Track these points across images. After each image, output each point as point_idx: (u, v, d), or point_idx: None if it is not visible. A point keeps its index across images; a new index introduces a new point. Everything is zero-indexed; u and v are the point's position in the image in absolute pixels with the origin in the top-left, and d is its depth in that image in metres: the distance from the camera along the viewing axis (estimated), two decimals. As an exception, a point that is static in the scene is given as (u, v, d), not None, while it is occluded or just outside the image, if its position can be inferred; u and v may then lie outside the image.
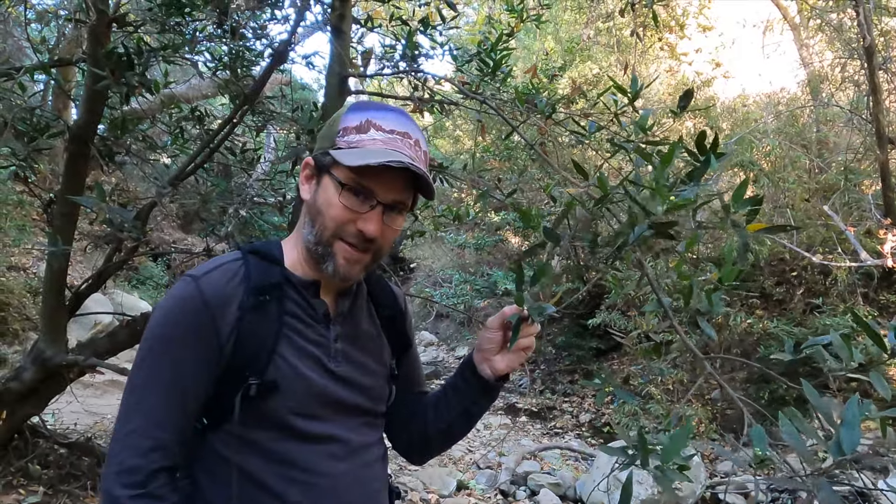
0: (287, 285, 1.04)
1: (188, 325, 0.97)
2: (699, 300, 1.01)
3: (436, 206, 3.46)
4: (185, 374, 0.97)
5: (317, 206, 1.02)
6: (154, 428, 0.95)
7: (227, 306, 0.98)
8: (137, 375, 0.98)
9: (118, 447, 0.95)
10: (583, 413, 7.83)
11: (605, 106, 2.32)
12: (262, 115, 3.06)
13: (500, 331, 1.14)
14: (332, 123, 1.05)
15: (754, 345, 6.64)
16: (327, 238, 1.01)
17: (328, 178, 1.01)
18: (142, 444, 0.94)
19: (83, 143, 2.68)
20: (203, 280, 0.99)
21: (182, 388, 0.97)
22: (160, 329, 0.99)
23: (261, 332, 0.99)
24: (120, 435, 0.96)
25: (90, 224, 7.03)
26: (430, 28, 2.83)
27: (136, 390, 0.98)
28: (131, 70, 2.27)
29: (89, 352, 3.11)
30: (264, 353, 0.98)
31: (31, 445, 3.43)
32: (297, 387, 1.00)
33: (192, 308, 0.98)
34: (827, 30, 8.35)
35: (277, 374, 0.98)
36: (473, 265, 11.07)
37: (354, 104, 1.06)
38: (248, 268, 1.02)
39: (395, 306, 1.22)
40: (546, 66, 9.13)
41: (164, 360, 0.97)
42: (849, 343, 0.86)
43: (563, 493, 5.19)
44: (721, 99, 9.75)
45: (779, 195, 7.48)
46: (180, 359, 0.97)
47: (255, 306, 0.99)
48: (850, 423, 0.75)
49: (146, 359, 0.99)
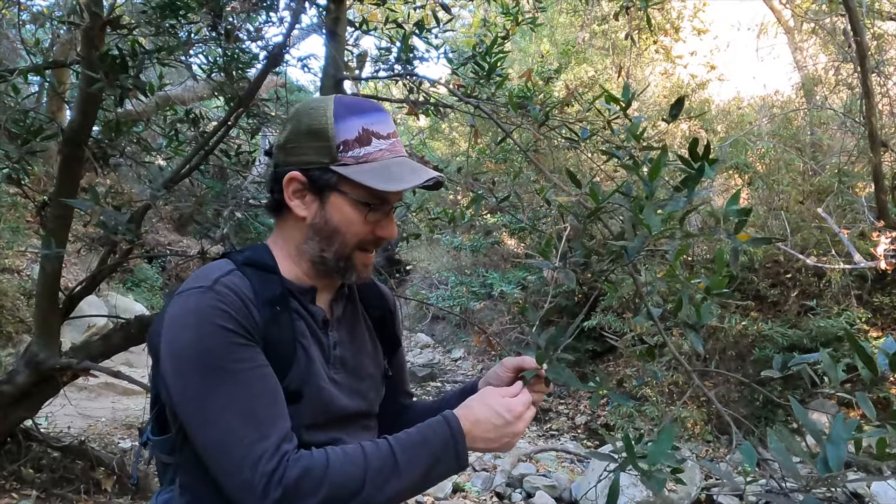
0: (287, 294, 1.03)
1: (228, 327, 0.90)
2: (688, 311, 1.02)
3: (431, 209, 3.46)
4: (256, 374, 0.91)
5: (331, 226, 1.01)
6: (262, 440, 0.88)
7: (250, 309, 0.95)
8: (207, 413, 0.88)
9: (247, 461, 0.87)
10: (578, 415, 7.84)
11: (598, 111, 2.33)
12: (257, 118, 3.06)
13: (512, 374, 1.15)
14: (317, 134, 1.00)
15: (749, 347, 6.67)
16: (348, 253, 1.03)
17: (338, 196, 1.00)
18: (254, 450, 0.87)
19: (77, 146, 2.67)
20: (217, 286, 0.94)
21: (264, 392, 0.91)
22: (201, 349, 0.89)
23: (282, 342, 0.98)
24: (235, 460, 0.87)
25: (84, 226, 6.99)
26: (424, 31, 2.84)
27: (216, 423, 0.88)
28: (125, 72, 2.26)
29: (83, 355, 3.10)
30: (286, 364, 0.97)
31: (25, 449, 3.41)
32: (311, 396, 0.99)
33: (223, 310, 0.91)
34: (820, 33, 8.39)
35: (300, 383, 0.98)
36: (469, 267, 11.07)
37: (335, 109, 1.01)
38: (251, 280, 0.99)
39: (384, 306, 1.22)
40: (542, 68, 9.15)
41: (226, 380, 0.89)
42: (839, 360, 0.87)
43: (559, 495, 5.19)
44: (716, 102, 9.79)
45: (773, 197, 7.52)
46: (242, 365, 0.90)
47: (271, 317, 0.97)
48: (836, 441, 0.76)
49: (202, 391, 0.89)
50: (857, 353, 0.80)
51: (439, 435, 0.96)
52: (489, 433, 0.98)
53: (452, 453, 0.95)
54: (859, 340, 0.85)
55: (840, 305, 6.45)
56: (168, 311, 0.95)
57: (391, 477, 0.91)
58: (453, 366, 10.69)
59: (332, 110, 1.00)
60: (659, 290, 1.35)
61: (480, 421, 0.98)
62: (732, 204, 0.91)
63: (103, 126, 2.92)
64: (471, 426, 0.98)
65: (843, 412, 5.50)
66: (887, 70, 6.80)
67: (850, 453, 0.76)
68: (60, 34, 4.87)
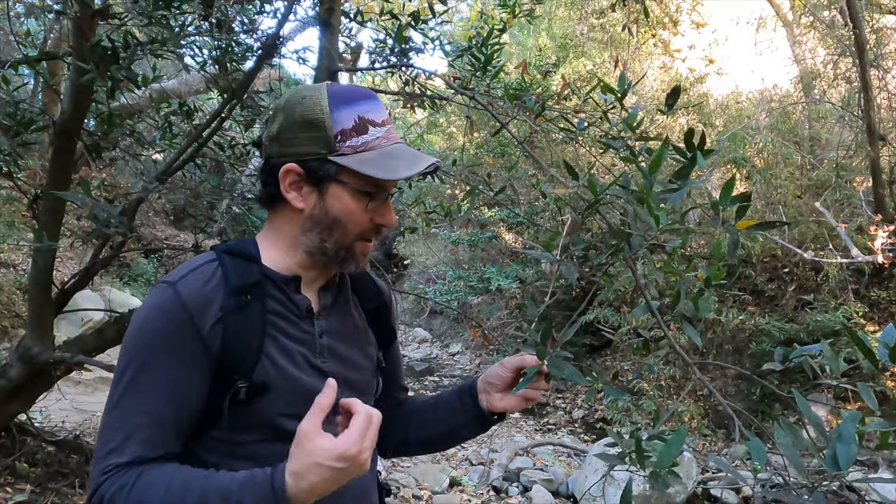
0: (267, 283, 1.01)
1: (170, 332, 0.92)
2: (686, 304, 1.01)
3: (427, 203, 3.44)
4: (172, 385, 0.92)
5: (331, 216, 0.99)
6: (137, 446, 0.90)
7: (207, 309, 0.94)
8: (116, 393, 0.92)
9: (97, 468, 0.89)
10: (576, 409, 7.85)
11: (595, 103, 2.31)
12: (251, 110, 3.03)
13: (513, 373, 1.15)
14: (313, 125, 0.98)
15: (746, 341, 6.67)
16: (349, 243, 1.02)
17: (337, 186, 0.99)
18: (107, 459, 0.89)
19: (69, 138, 2.65)
20: (180, 284, 0.95)
21: (171, 401, 0.92)
22: (139, 340, 0.93)
23: (246, 334, 0.96)
24: (101, 454, 0.90)
25: (78, 220, 6.98)
26: (420, 23, 2.81)
27: (117, 408, 0.91)
28: (117, 64, 2.24)
29: (77, 349, 3.08)
30: (251, 355, 0.95)
31: (19, 443, 3.39)
32: (285, 387, 0.97)
33: (172, 314, 0.93)
34: (819, 27, 8.37)
35: (266, 376, 0.96)
36: (467, 262, 11.06)
37: (329, 98, 0.99)
38: (225, 268, 0.98)
39: (379, 298, 1.20)
40: (540, 62, 9.12)
41: (147, 374, 0.91)
42: (837, 354, 0.86)
43: (556, 489, 5.19)
44: (714, 96, 9.77)
45: (771, 192, 7.51)
46: (164, 370, 0.92)
47: (236, 307, 0.96)
48: (846, 439, 0.75)
49: (125, 373, 0.92)
50: (857, 346, 0.79)
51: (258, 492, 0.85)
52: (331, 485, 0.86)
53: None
54: (858, 333, 0.83)
55: (837, 300, 6.45)
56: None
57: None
58: (451, 360, 10.69)
59: (326, 99, 0.98)
60: (657, 284, 1.33)
61: (316, 484, 0.85)
62: (727, 193, 0.90)
63: (97, 119, 2.89)
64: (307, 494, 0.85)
65: (841, 406, 5.51)
66: (886, 64, 6.79)
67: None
68: (54, 26, 4.83)
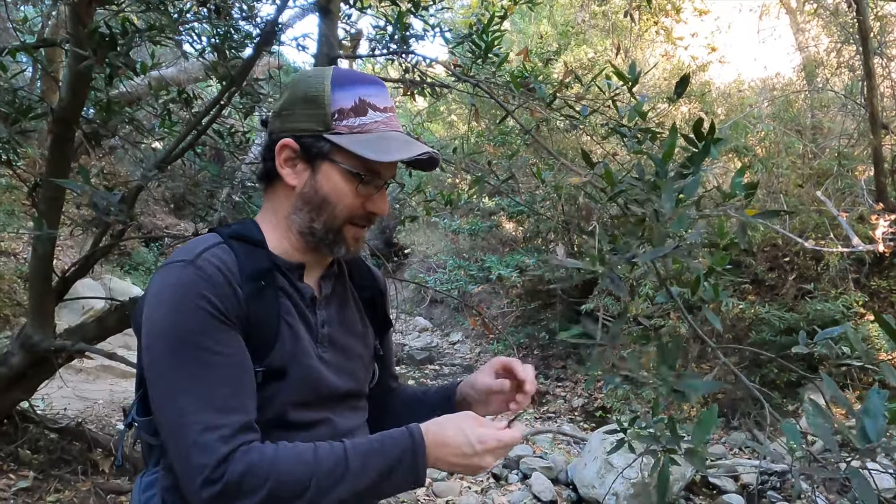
0: (275, 269, 1.01)
1: (206, 308, 0.88)
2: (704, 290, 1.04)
3: (428, 192, 3.43)
4: (232, 351, 0.89)
5: (321, 195, 0.99)
6: (236, 415, 0.87)
7: (233, 287, 0.92)
8: (176, 378, 0.86)
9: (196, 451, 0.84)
10: (576, 398, 7.88)
11: (599, 90, 2.29)
12: (250, 98, 3.01)
13: (500, 372, 1.16)
14: (313, 101, 0.98)
15: (746, 330, 6.68)
16: (338, 225, 1.00)
17: (329, 165, 0.98)
18: (203, 438, 0.84)
19: (67, 126, 2.63)
20: (200, 261, 0.92)
21: (237, 366, 0.89)
22: (174, 325, 0.87)
23: (264, 317, 0.95)
24: (193, 437, 0.84)
25: (77, 208, 6.97)
26: (420, 9, 2.79)
27: (190, 393, 0.86)
28: (115, 51, 2.22)
29: (77, 337, 3.09)
30: (269, 339, 0.95)
31: (22, 430, 3.42)
32: (298, 374, 0.97)
33: (202, 288, 0.88)
34: (823, 14, 8.30)
35: (281, 361, 0.96)
36: (467, 251, 11.04)
37: (333, 77, 1.00)
38: (237, 254, 0.97)
39: (374, 287, 1.20)
40: (541, 49, 9.05)
41: (204, 349, 0.87)
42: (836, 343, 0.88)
43: (555, 476, 5.22)
44: (716, 84, 9.71)
45: (773, 180, 7.48)
46: (219, 339, 0.88)
47: (254, 291, 0.95)
48: (873, 413, 0.79)
49: (176, 355, 0.87)
50: (882, 327, 0.82)
51: (398, 447, 0.91)
52: (454, 458, 0.92)
53: (409, 467, 0.90)
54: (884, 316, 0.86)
55: (838, 289, 6.44)
56: (151, 285, 0.94)
57: (339, 482, 0.87)
58: (451, 349, 10.72)
59: (330, 79, 0.99)
60: (659, 270, 1.33)
61: (449, 444, 0.91)
62: (739, 178, 0.91)
63: (95, 107, 2.88)
64: (437, 446, 0.91)
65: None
66: (890, 52, 6.73)
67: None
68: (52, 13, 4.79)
